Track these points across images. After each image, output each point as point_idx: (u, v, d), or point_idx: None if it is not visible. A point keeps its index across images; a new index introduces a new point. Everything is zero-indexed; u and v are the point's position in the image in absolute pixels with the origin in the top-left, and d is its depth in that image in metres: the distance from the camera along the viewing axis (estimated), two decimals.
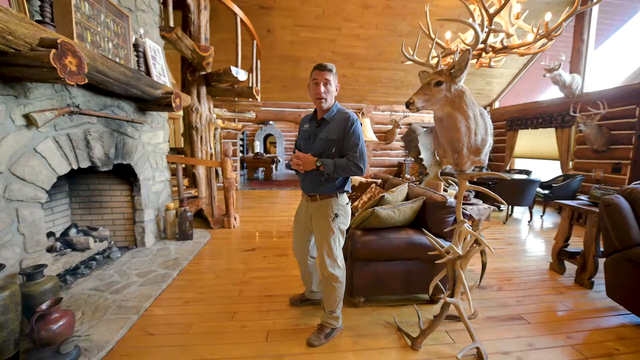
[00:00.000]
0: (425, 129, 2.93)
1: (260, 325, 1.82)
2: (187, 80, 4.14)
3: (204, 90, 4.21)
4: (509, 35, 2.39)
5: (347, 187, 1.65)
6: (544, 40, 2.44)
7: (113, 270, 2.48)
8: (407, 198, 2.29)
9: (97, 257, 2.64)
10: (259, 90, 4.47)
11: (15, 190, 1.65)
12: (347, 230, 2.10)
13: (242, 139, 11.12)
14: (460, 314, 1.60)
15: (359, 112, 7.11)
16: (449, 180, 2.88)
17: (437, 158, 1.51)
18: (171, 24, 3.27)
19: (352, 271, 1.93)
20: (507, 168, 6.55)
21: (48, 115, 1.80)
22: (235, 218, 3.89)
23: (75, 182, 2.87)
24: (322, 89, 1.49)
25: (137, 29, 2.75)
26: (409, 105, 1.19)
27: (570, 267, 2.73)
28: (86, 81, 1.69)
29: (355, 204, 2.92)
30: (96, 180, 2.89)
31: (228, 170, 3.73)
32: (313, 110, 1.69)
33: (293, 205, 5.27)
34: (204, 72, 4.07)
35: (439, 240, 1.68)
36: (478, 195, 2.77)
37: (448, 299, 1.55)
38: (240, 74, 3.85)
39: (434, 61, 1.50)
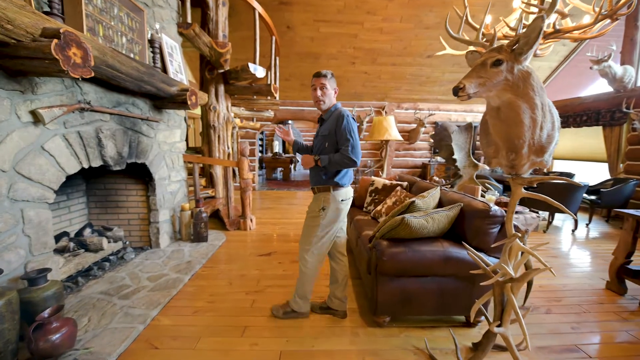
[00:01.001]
0: (458, 127, 2.63)
1: (272, 344, 1.64)
2: (206, 78, 4.07)
3: (222, 88, 4.12)
4: (563, 16, 2.05)
5: (344, 181, 1.72)
6: (601, 24, 2.08)
7: (125, 273, 2.40)
8: (440, 204, 2.02)
9: (111, 258, 2.59)
10: (277, 88, 4.32)
11: (20, 190, 1.57)
12: (371, 239, 1.88)
13: (261, 139, 11.13)
14: (510, 346, 1.32)
15: (382, 110, 6.81)
16: (486, 184, 2.56)
17: (484, 159, 1.24)
18: (189, 20, 3.18)
19: (376, 286, 1.70)
20: (545, 170, 5.99)
21: (56, 111, 1.72)
22: (251, 220, 3.76)
23: (93, 182, 2.84)
24: (319, 92, 1.67)
25: (153, 24, 2.67)
26: (457, 91, 0.95)
27: (634, 288, 2.33)
28: (92, 74, 1.58)
29: (379, 208, 2.67)
30: (112, 180, 2.85)
31: (245, 170, 3.60)
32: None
33: None
34: (222, 70, 3.98)
35: (482, 256, 1.41)
36: (522, 201, 2.44)
37: (496, 329, 1.29)
38: (258, 71, 3.72)
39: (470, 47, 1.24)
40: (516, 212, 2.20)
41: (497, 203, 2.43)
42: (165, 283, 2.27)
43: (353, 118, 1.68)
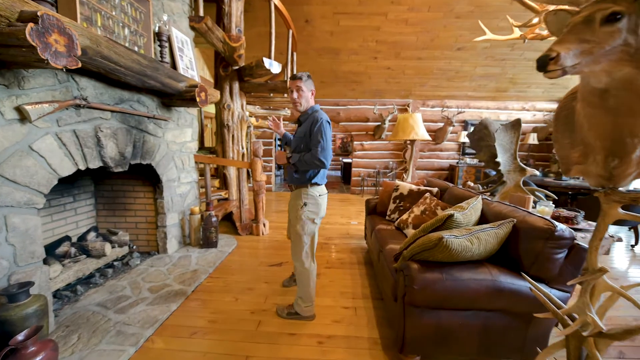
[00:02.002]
0: (503, 125, 2.24)
1: None
2: (220, 75, 3.91)
3: (236, 86, 3.94)
4: None
5: (318, 180, 1.75)
6: None
7: (127, 282, 2.24)
8: (483, 218, 1.66)
9: (115, 264, 2.46)
10: None
11: (3, 195, 1.42)
12: (397, 257, 1.57)
13: (279, 139, 11.00)
14: None
15: (406, 108, 6.39)
16: (536, 193, 2.14)
17: (561, 163, 0.88)
18: (201, 13, 3.01)
19: (404, 318, 1.38)
20: None
21: (46, 108, 1.56)
22: (264, 224, 3.54)
23: (101, 183, 2.73)
24: (295, 95, 1.71)
25: (162, 16, 2.51)
26: (546, 64, 0.62)
27: None
28: (79, 65, 1.40)
29: (405, 217, 2.34)
30: (120, 181, 2.73)
31: (258, 171, 3.39)
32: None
33: (328, 211, 4.81)
34: (236, 67, 3.81)
35: (549, 292, 1.06)
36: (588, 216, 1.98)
37: None
38: (274, 66, 3.49)
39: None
40: (579, 229, 1.79)
41: (555, 217, 2.02)
42: (167, 295, 2.08)
43: (328, 122, 1.71)
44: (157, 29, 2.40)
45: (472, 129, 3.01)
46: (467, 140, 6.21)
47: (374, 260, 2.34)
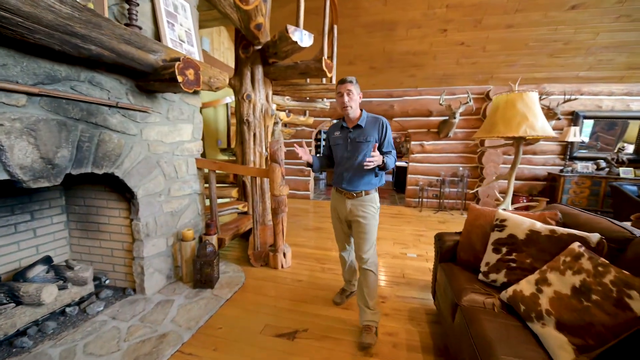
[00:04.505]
0: None
1: None
2: (240, 58, 3.12)
3: (259, 71, 3.11)
4: None
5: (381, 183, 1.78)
6: None
7: (61, 349, 1.51)
8: None
9: (68, 310, 1.77)
10: (333, 66, 3.07)
11: None
12: None
13: (324, 139, 10.07)
14: None
15: (484, 98, 4.88)
16: None
17: None
18: None
19: None
20: None
21: None
22: (284, 254, 2.61)
23: (72, 194, 2.11)
24: (346, 98, 1.66)
25: None
26: None
27: None
28: None
29: (525, 289, 1.15)
30: (92, 194, 2.07)
31: (277, 183, 2.47)
32: (339, 119, 1.84)
33: (384, 231, 3.59)
34: (258, 46, 2.97)
35: None
36: None
37: None
38: (303, 38, 2.54)
39: None
40: None
41: None
42: None
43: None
44: None
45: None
46: (577, 138, 4.42)
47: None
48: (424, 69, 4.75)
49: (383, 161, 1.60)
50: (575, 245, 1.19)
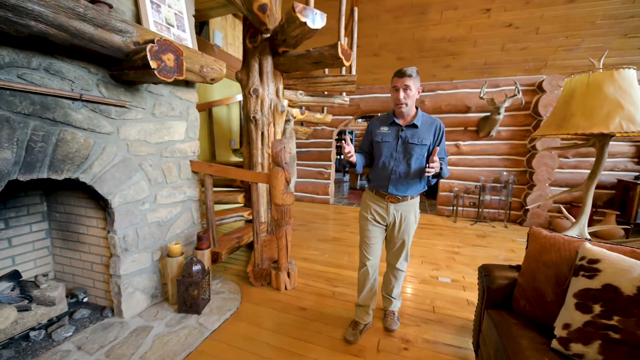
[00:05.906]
0: None
1: None
2: (247, 48, 2.80)
3: (268, 62, 2.76)
4: None
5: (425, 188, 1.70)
6: None
7: None
8: None
9: (32, 334, 1.54)
10: (350, 54, 2.64)
11: None
12: None
13: (351, 139, 9.56)
14: None
15: (537, 88, 4.14)
16: None
17: None
18: None
19: None
20: None
21: None
22: (288, 273, 2.23)
23: (54, 199, 1.91)
24: (402, 94, 1.50)
25: None
26: None
27: None
28: None
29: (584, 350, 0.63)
30: (70, 200, 1.84)
31: (279, 189, 2.10)
32: (388, 113, 1.65)
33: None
34: (266, 35, 2.63)
35: None
36: None
37: None
38: (316, 18, 2.14)
39: None
40: None
41: None
42: None
43: None
44: None
45: None
46: None
47: None
48: (461, 57, 4.12)
49: (440, 168, 1.49)
50: None
